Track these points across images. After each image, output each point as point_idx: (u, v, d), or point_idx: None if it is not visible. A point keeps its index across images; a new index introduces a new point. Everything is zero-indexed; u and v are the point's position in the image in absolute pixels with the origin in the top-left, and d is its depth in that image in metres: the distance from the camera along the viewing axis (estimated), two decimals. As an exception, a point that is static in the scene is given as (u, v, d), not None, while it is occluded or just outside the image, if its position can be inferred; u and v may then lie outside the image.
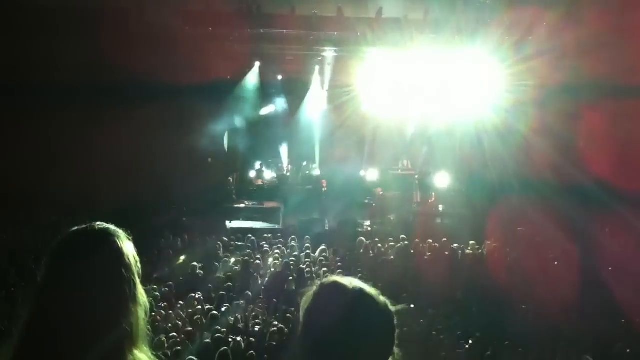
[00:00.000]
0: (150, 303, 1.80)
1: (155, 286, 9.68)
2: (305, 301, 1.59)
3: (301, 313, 1.59)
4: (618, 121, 14.41)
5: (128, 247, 1.70)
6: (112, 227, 1.72)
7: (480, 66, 16.31)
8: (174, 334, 7.88)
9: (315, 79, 19.02)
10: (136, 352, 1.67)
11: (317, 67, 18.63)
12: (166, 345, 7.39)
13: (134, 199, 13.74)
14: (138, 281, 1.71)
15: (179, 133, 15.69)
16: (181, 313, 9.16)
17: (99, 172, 14.58)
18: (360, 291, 1.56)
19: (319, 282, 1.62)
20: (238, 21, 15.73)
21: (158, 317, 8.28)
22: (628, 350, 8.20)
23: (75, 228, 1.69)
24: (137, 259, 1.72)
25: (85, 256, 1.63)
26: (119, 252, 1.67)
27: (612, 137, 14.44)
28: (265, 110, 19.58)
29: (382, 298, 1.58)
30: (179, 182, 15.35)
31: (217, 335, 7.99)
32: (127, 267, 1.67)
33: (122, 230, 1.74)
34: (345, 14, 15.91)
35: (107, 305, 1.61)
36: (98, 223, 1.72)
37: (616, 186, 13.35)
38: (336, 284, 1.58)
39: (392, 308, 1.59)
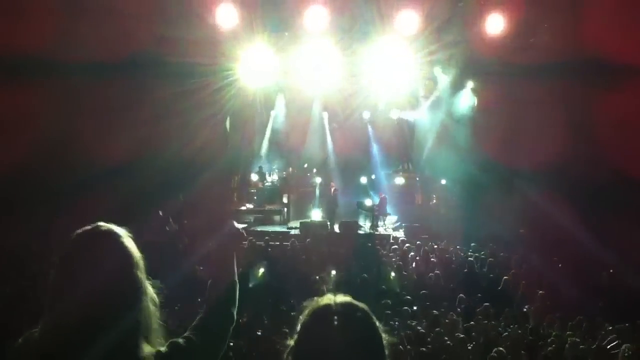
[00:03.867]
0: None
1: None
2: (299, 322, 1.59)
3: (295, 335, 1.58)
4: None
5: (132, 246, 1.80)
6: (115, 226, 1.81)
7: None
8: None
9: None
10: (146, 344, 1.76)
11: None
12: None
13: (133, 197, 13.60)
14: (144, 277, 1.81)
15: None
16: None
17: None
18: (347, 311, 1.55)
19: (312, 302, 1.61)
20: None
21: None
22: (633, 352, 8.12)
23: (81, 230, 1.77)
24: (141, 256, 1.81)
25: (93, 257, 1.71)
26: (125, 251, 1.77)
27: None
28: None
29: (364, 314, 1.56)
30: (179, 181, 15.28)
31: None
32: (134, 264, 1.77)
33: (124, 229, 1.83)
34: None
35: (117, 302, 1.70)
36: (101, 223, 1.80)
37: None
38: (319, 304, 1.58)
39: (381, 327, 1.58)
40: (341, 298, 1.58)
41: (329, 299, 1.58)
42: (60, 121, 14.35)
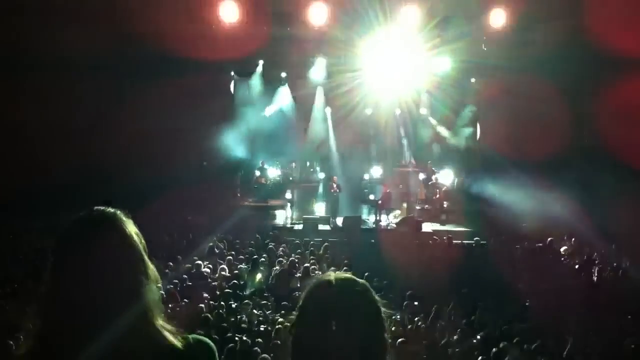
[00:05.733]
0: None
1: (160, 284, 9.65)
2: (301, 297, 1.65)
3: (297, 311, 1.63)
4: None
5: (130, 227, 1.74)
6: (110, 209, 1.75)
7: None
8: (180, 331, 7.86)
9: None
10: (161, 322, 1.71)
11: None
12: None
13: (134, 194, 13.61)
14: (146, 257, 1.74)
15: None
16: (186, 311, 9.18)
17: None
18: (347, 284, 1.61)
19: (311, 281, 1.67)
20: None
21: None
22: (635, 346, 8.14)
23: (77, 215, 1.72)
24: (141, 236, 1.75)
25: (90, 242, 1.66)
26: (122, 234, 1.70)
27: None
28: (270, 110, 19.62)
29: (363, 288, 1.61)
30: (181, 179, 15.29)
31: (222, 333, 8.00)
32: (132, 246, 1.71)
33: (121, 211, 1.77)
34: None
35: (120, 287, 1.64)
36: (97, 207, 1.75)
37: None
38: (320, 280, 1.64)
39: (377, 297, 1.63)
40: (341, 274, 1.64)
41: (329, 275, 1.64)
42: (63, 116, 14.40)
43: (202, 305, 9.39)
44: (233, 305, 9.65)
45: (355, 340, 1.53)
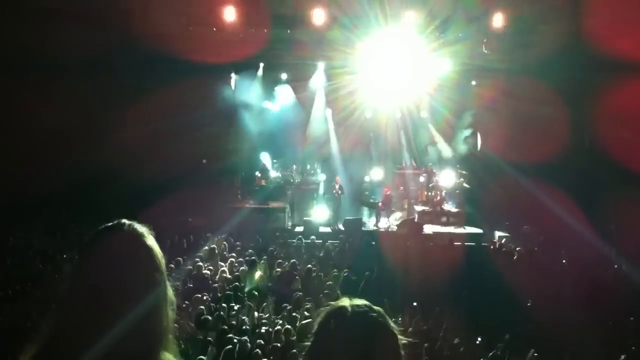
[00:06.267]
0: None
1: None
2: (314, 326, 1.59)
3: (310, 339, 1.57)
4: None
5: (155, 246, 1.67)
6: (137, 225, 1.68)
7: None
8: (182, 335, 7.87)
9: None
10: (166, 353, 1.64)
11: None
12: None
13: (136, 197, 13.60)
14: (166, 279, 1.67)
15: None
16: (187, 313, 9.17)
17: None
18: (363, 316, 1.55)
19: (325, 308, 1.61)
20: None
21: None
22: (636, 348, 8.14)
23: (103, 227, 1.66)
24: (164, 257, 1.68)
25: (117, 257, 1.60)
26: (150, 253, 1.64)
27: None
28: (270, 111, 19.65)
29: (380, 317, 1.56)
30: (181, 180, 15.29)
31: (222, 335, 7.99)
32: (158, 266, 1.65)
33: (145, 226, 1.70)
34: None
35: (134, 305, 1.58)
36: (124, 221, 1.68)
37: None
38: (334, 307, 1.58)
39: (396, 328, 1.57)
40: (357, 301, 1.58)
41: (344, 302, 1.58)
42: (67, 118, 14.42)
43: (203, 307, 9.38)
44: (235, 307, 9.63)
45: None
